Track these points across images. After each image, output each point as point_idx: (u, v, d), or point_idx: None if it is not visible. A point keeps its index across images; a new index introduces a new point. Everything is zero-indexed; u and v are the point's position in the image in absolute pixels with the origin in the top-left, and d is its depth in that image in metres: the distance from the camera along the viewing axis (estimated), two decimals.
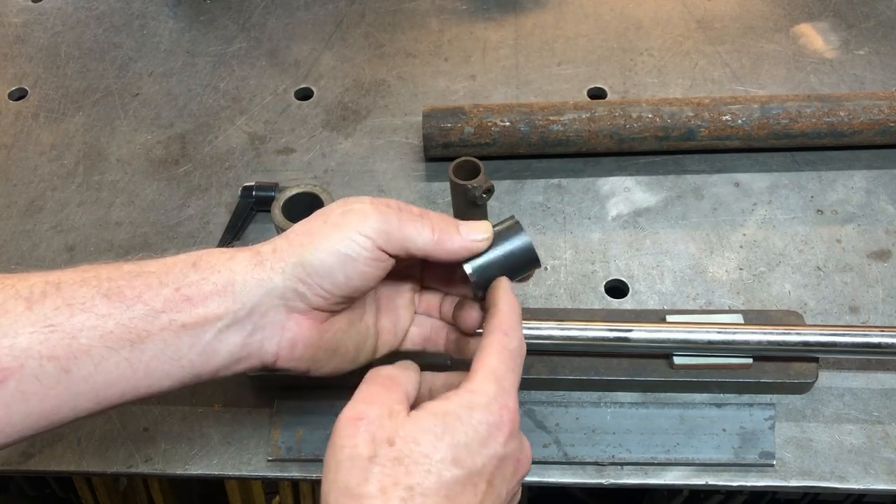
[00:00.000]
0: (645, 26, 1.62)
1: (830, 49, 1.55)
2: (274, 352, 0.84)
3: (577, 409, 1.13)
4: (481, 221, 0.89)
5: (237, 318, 0.81)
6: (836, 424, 1.12)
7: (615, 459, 1.10)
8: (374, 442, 0.74)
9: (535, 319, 1.13)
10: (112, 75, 1.60)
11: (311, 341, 0.85)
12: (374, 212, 0.83)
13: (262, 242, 0.85)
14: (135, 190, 1.42)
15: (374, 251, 0.82)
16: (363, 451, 0.74)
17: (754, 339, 1.09)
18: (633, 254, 1.29)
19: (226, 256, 0.83)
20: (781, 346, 1.09)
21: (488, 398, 0.78)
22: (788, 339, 1.09)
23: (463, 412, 0.77)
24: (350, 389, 0.80)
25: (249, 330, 0.82)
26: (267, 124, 1.50)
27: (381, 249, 0.83)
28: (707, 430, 1.10)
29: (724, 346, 1.10)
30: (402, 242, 0.84)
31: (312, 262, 0.81)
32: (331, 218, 0.84)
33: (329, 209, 0.86)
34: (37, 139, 1.50)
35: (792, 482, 1.08)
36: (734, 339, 1.10)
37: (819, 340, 1.09)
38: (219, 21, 1.69)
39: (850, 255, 1.27)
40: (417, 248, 0.85)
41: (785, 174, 1.37)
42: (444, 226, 0.87)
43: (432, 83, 1.56)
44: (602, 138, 1.36)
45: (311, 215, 0.86)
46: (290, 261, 0.82)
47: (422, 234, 0.85)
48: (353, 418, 0.77)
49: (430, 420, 0.76)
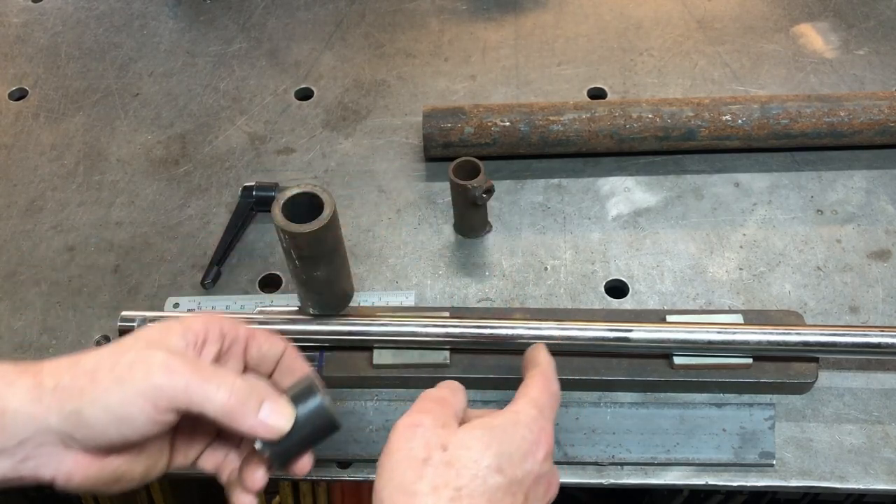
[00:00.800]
0: (645, 26, 1.62)
1: (830, 49, 1.55)
2: (50, 477, 0.82)
3: (577, 408, 1.13)
4: (286, 405, 0.86)
5: (5, 448, 0.79)
6: (835, 424, 1.12)
7: (615, 459, 1.10)
8: (429, 446, 0.82)
9: (535, 319, 1.13)
10: (112, 75, 1.60)
11: (90, 474, 0.82)
12: (161, 370, 0.79)
13: (51, 365, 0.82)
14: (135, 190, 1.42)
15: (154, 413, 0.79)
16: (419, 454, 0.81)
17: (754, 339, 1.10)
18: (633, 254, 1.29)
19: (4, 382, 0.79)
20: (781, 346, 1.09)
21: (530, 418, 0.87)
22: (788, 339, 1.09)
23: (508, 426, 0.85)
24: None
25: (20, 458, 0.80)
26: (267, 124, 1.50)
27: (165, 409, 0.79)
28: (707, 430, 1.10)
29: (723, 346, 1.10)
30: (188, 405, 0.80)
31: (88, 416, 0.78)
32: (118, 366, 0.79)
33: (124, 347, 0.82)
34: (37, 139, 1.50)
35: (792, 482, 1.09)
36: (734, 339, 1.10)
37: (819, 340, 1.09)
38: (219, 21, 1.69)
39: (851, 255, 1.27)
40: (206, 412, 0.81)
41: (785, 174, 1.37)
42: (244, 396, 0.82)
43: (432, 83, 1.56)
44: (602, 138, 1.36)
45: (107, 347, 0.83)
46: (67, 407, 0.78)
47: (213, 400, 0.80)
48: (411, 425, 0.84)
49: (479, 430, 0.84)
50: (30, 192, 1.42)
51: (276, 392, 0.87)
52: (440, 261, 1.31)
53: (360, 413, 1.15)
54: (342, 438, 1.13)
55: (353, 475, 1.13)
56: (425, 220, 1.35)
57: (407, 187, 1.40)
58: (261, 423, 0.83)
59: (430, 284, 1.28)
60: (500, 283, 1.27)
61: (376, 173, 1.42)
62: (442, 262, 1.30)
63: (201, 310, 1.25)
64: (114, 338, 1.23)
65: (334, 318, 1.14)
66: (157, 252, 1.34)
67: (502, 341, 1.13)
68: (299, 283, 1.10)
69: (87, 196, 1.41)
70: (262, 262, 1.32)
